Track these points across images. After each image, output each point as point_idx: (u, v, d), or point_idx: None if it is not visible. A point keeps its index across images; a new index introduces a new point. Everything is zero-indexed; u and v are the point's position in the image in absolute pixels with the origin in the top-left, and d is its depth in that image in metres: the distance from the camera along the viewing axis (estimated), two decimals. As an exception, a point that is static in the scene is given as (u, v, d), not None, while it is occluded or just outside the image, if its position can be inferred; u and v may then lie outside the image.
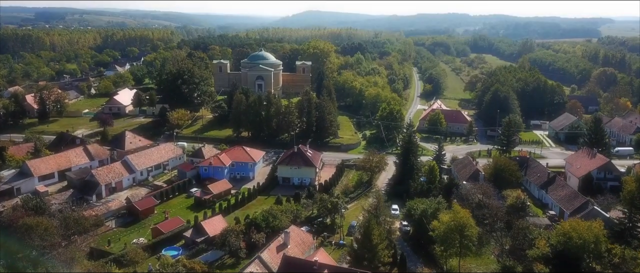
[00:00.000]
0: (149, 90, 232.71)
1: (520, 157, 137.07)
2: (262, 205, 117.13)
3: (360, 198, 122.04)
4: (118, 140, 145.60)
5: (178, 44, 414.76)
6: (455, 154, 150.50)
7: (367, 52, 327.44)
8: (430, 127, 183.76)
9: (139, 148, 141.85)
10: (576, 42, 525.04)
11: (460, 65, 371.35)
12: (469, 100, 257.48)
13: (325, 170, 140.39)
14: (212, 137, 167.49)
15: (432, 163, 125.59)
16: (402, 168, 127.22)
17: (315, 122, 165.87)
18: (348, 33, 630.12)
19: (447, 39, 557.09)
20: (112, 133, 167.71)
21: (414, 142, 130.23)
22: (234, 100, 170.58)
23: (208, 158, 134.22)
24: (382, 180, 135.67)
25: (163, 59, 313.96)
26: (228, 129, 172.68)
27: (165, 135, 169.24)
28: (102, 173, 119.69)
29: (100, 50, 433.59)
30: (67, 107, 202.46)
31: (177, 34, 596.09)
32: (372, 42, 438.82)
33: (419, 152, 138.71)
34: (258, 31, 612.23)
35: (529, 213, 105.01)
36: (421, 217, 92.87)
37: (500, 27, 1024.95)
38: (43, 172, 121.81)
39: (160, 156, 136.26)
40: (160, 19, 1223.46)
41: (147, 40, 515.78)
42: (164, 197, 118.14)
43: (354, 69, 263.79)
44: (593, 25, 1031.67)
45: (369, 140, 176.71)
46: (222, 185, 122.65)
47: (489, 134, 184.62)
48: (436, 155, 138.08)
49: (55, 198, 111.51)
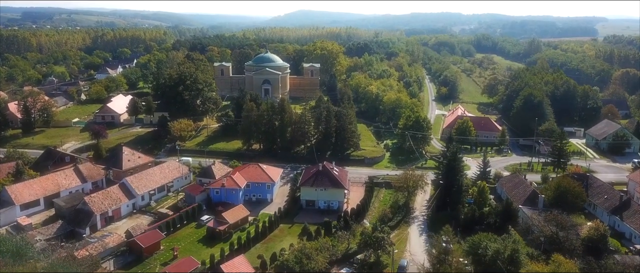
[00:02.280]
0: (144, 95, 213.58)
1: (577, 173, 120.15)
2: (286, 236, 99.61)
3: (401, 226, 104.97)
4: (114, 157, 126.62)
5: (173, 45, 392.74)
6: (491, 168, 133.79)
7: (374, 53, 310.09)
8: (458, 137, 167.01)
9: (138, 166, 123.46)
10: (583, 41, 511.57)
11: (469, 66, 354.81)
12: (489, 104, 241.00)
13: (352, 189, 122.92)
14: (219, 151, 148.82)
15: (482, 183, 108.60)
16: (447, 189, 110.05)
17: (334, 132, 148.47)
18: (348, 32, 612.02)
19: (450, 38, 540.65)
20: (106, 146, 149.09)
21: (459, 158, 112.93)
22: (243, 108, 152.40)
23: (219, 178, 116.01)
24: (419, 201, 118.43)
25: (158, 61, 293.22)
26: (236, 140, 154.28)
27: (166, 149, 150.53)
28: (97, 200, 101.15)
29: (90, 51, 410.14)
30: (55, 116, 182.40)
31: (171, 34, 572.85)
32: (376, 42, 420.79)
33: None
34: (254, 31, 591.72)
35: (610, 247, 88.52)
36: (494, 259, 75.40)
37: (496, 26, 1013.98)
38: (26, 199, 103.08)
39: (163, 176, 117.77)
40: (150, 19, 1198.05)
41: (139, 41, 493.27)
42: (171, 227, 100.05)
43: (364, 71, 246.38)
44: (588, 23, 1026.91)
45: (393, 151, 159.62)
46: (238, 212, 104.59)
47: (521, 144, 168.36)
48: (481, 172, 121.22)
49: (41, 232, 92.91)
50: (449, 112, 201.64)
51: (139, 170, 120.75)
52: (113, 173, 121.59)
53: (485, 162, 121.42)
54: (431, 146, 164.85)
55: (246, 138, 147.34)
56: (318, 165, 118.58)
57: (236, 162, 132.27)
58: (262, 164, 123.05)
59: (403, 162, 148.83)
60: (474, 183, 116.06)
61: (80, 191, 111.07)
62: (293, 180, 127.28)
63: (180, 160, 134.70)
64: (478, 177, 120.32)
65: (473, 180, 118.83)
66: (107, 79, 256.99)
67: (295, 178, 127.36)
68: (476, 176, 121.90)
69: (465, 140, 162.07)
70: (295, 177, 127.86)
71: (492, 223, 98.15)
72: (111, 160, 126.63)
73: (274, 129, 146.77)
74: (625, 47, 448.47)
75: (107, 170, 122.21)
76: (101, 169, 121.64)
